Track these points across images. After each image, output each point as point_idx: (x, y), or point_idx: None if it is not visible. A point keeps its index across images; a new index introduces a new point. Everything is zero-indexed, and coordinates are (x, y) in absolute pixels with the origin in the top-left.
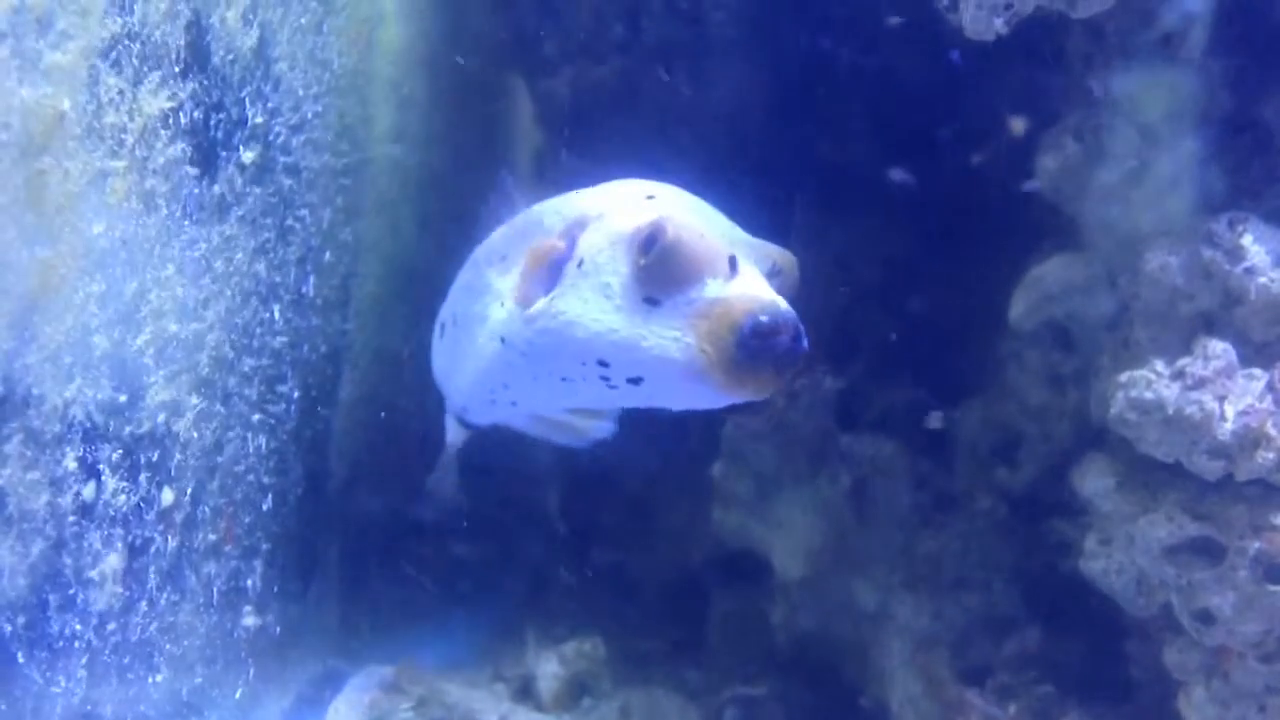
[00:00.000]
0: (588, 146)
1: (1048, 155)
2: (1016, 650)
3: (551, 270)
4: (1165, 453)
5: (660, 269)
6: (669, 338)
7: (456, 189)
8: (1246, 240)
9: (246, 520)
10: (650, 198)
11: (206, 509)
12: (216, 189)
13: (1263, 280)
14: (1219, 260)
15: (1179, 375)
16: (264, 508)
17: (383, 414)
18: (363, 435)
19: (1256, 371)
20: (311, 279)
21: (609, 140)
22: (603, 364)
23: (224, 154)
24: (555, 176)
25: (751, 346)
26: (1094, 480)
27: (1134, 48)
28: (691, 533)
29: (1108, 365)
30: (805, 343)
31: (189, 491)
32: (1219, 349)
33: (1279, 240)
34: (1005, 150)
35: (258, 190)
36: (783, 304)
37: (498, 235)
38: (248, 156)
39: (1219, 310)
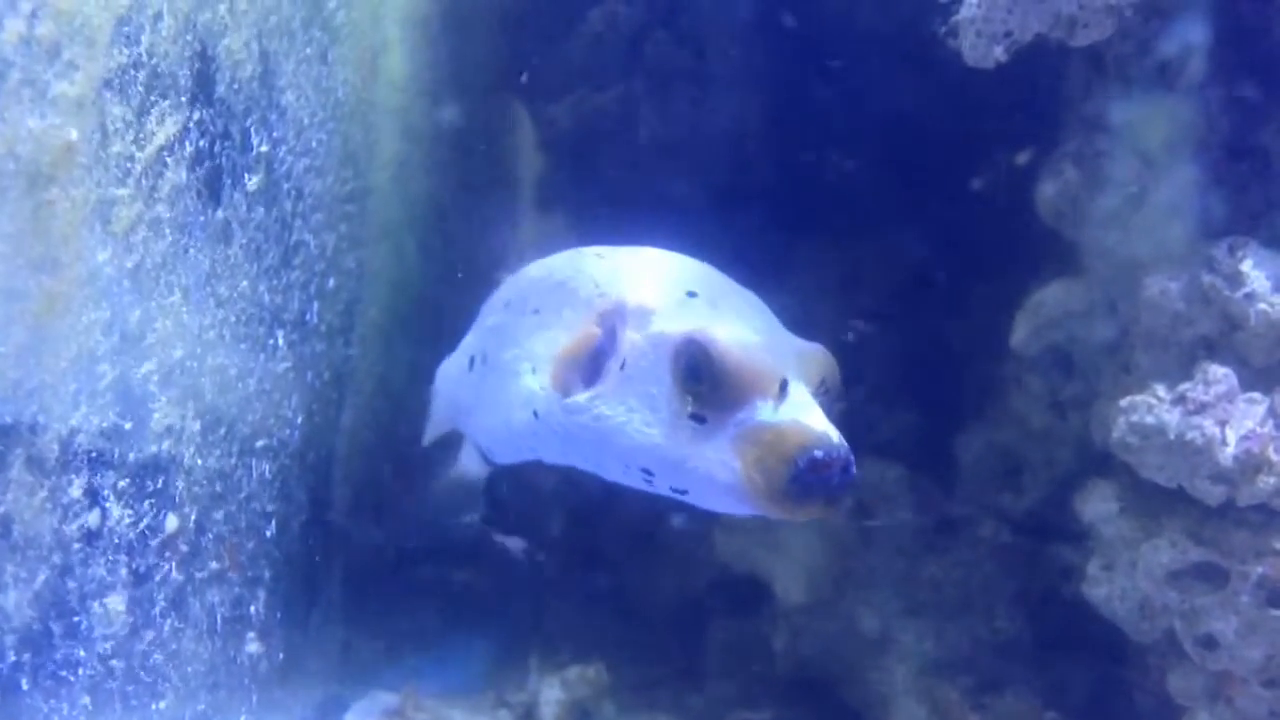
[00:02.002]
0: (589, 173)
1: (1048, 182)
2: (1020, 675)
3: (590, 361)
4: (1167, 477)
5: (708, 390)
6: (716, 460)
7: (460, 216)
8: (1246, 265)
9: (250, 546)
10: (692, 295)
11: (210, 535)
12: (221, 215)
13: (1263, 305)
14: (1219, 285)
15: (1180, 400)
16: (267, 534)
17: (386, 440)
18: (366, 461)
19: (1258, 396)
20: (315, 305)
21: (611, 167)
22: (646, 471)
23: (229, 181)
24: (558, 203)
25: (804, 481)
26: (1096, 505)
27: (1133, 75)
28: (694, 558)
29: (1109, 390)
30: (854, 471)
31: (193, 518)
32: (1220, 374)
33: (1278, 265)
34: (1005, 177)
35: (262, 217)
36: (834, 435)
37: (527, 281)
38: (252, 184)
39: (1219, 335)
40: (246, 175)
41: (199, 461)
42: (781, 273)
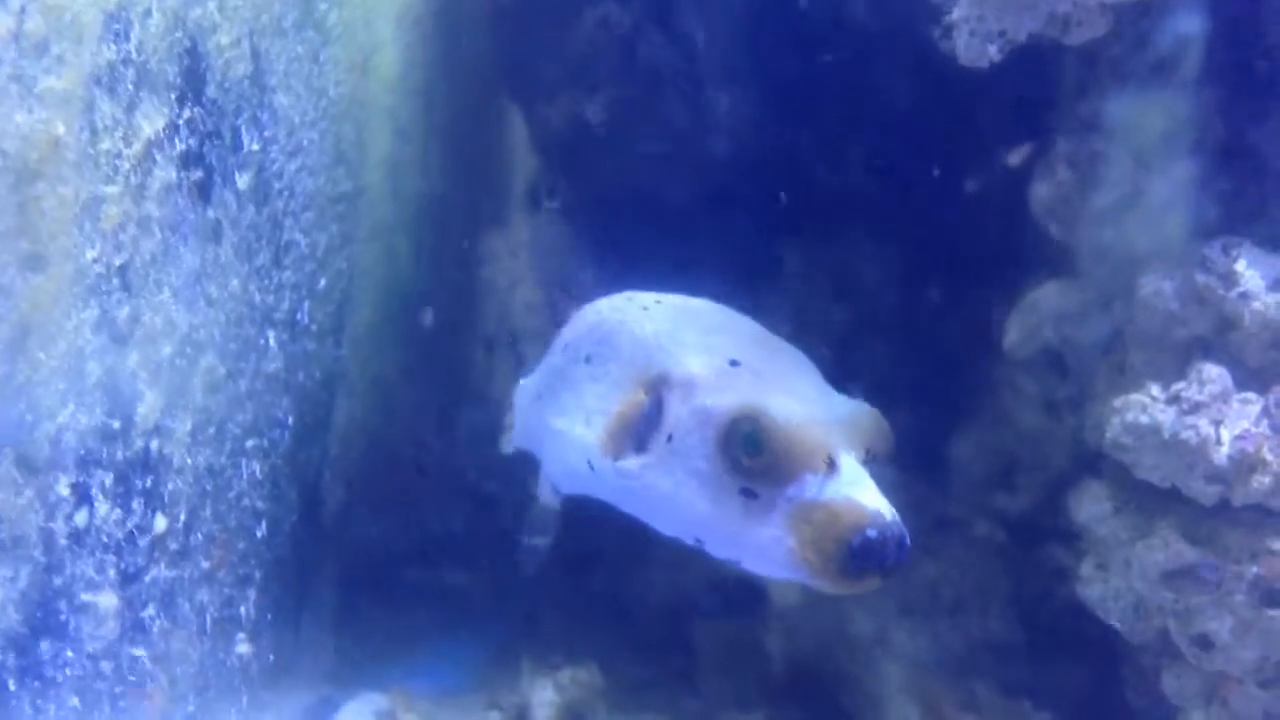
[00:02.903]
0: (583, 175)
1: (1041, 182)
2: (1015, 677)
3: (638, 426)
4: (1161, 477)
5: (757, 467)
6: (768, 537)
7: (452, 216)
8: (1241, 265)
9: (240, 547)
10: (735, 363)
11: (200, 535)
12: (211, 214)
13: (1257, 305)
14: (1213, 285)
15: (1175, 400)
16: (258, 534)
17: (377, 441)
18: (357, 462)
19: (1252, 396)
20: (306, 305)
21: (604, 168)
22: (698, 539)
23: (219, 180)
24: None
25: (859, 560)
26: (1090, 505)
27: (1127, 74)
28: (687, 559)
29: (1103, 390)
30: (908, 543)
31: (182, 518)
32: (1214, 373)
33: (1273, 265)
34: (999, 177)
35: (253, 216)
36: (887, 511)
37: (584, 326)
38: (243, 183)
39: (1214, 335)
40: (237, 174)
41: (189, 461)
42: (774, 273)
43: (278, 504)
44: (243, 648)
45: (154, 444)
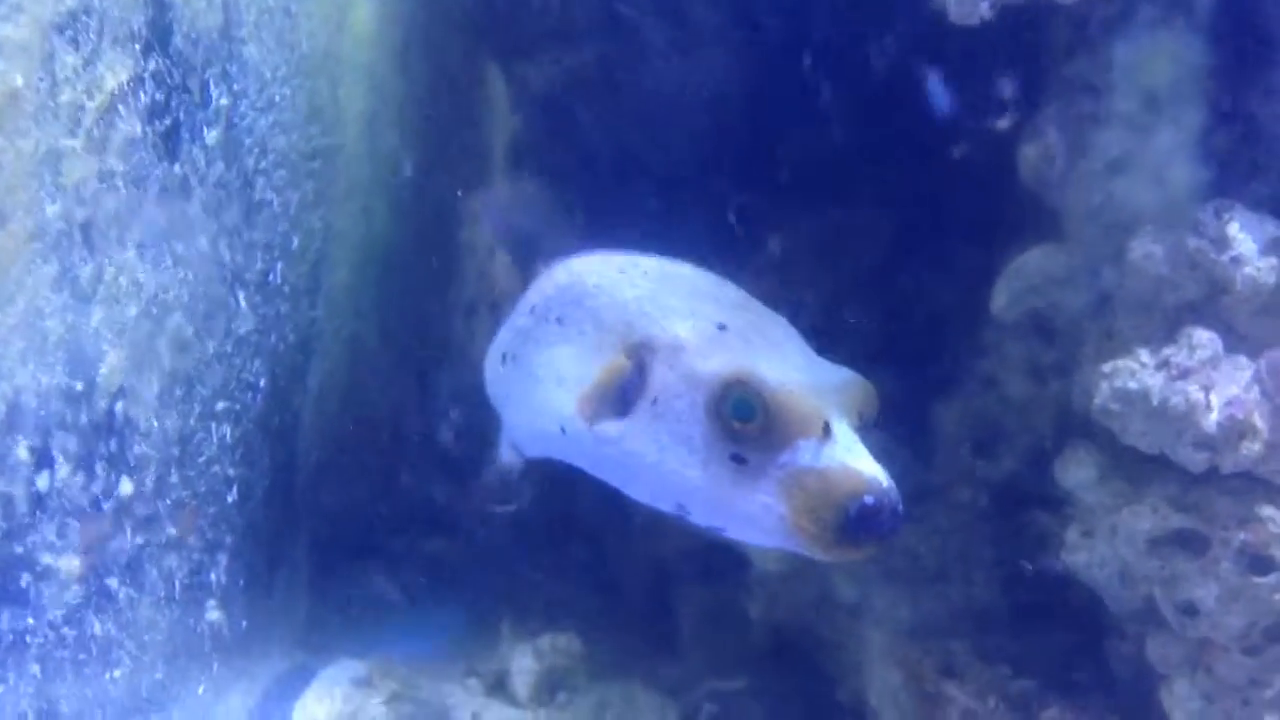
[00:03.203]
0: (564, 135)
1: (1030, 144)
2: (996, 643)
3: (619, 393)
4: (1149, 444)
5: (749, 432)
6: (759, 504)
7: (431, 176)
8: (1233, 229)
9: (210, 512)
10: (723, 328)
11: (168, 501)
12: (178, 170)
13: (1249, 270)
14: (1205, 249)
15: (1164, 365)
16: (229, 500)
17: (354, 405)
18: (333, 426)
19: (1243, 361)
20: (279, 265)
21: (585, 128)
22: (680, 505)
23: (187, 135)
24: (532, 165)
25: (856, 528)
26: (1076, 472)
27: (1118, 36)
28: (668, 526)
29: (1091, 356)
30: (902, 510)
31: (149, 483)
32: (1205, 338)
33: (1265, 229)
34: (988, 139)
35: (222, 173)
36: (883, 478)
37: (553, 288)
38: (212, 138)
39: (1204, 300)
40: (206, 129)
41: (155, 424)
42: (758, 237)
43: (250, 469)
44: (213, 614)
45: (119, 406)
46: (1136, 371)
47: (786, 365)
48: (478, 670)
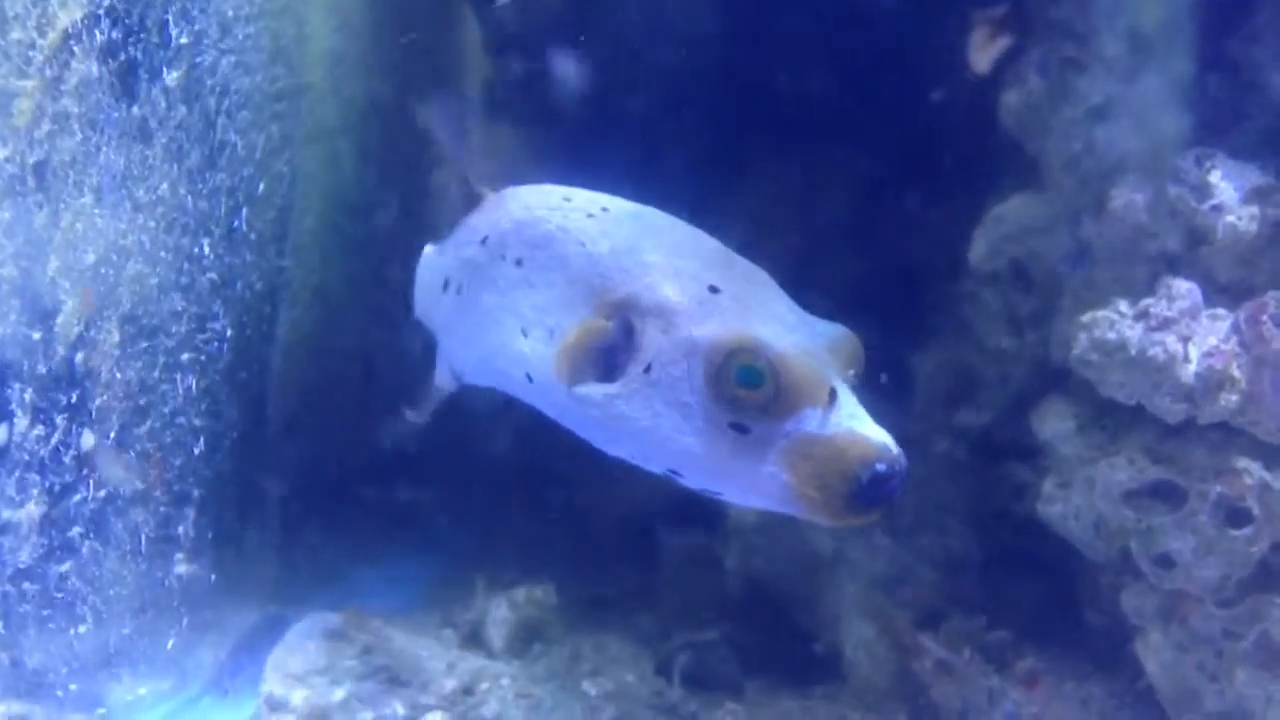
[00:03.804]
0: (538, 79)
1: (1011, 91)
2: (972, 594)
3: (602, 354)
4: (1127, 395)
5: (754, 401)
6: (764, 473)
7: (401, 119)
8: (1214, 177)
9: (177, 464)
10: (715, 290)
11: (132, 453)
12: (137, 112)
13: (1230, 219)
14: (1186, 197)
15: (1143, 315)
16: (196, 451)
17: (324, 354)
18: (302, 376)
19: (1221, 312)
20: (244, 211)
21: (560, 73)
22: (673, 471)
23: (145, 76)
24: (506, 110)
25: (869, 495)
26: (1054, 423)
27: None
28: (645, 477)
29: (1069, 306)
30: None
31: (112, 435)
32: (1184, 289)
33: (1247, 177)
34: (968, 85)
35: (184, 115)
36: (891, 443)
37: (509, 222)
38: (172, 79)
39: (1184, 250)
40: (166, 70)
41: (117, 375)
42: (737, 183)
43: (216, 420)
44: (181, 568)
45: (78, 357)
46: (1115, 322)
47: (782, 328)
48: (453, 621)
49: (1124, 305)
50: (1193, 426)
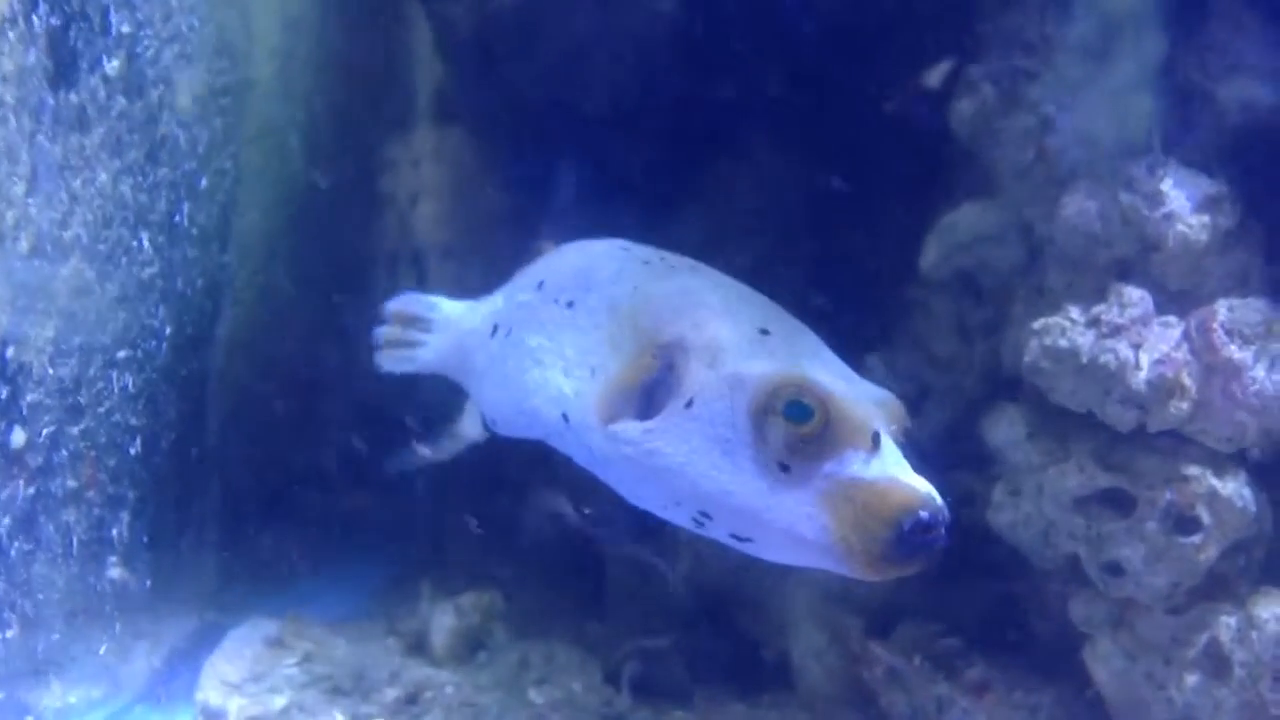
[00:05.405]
0: (490, 81)
1: (964, 99)
2: (921, 602)
3: (643, 392)
4: (1078, 402)
5: (797, 438)
6: (801, 514)
7: (351, 117)
8: (1166, 185)
9: (111, 465)
10: (766, 333)
11: (65, 452)
12: (75, 101)
13: (1181, 227)
14: (1138, 205)
15: (1094, 323)
16: (131, 452)
17: (267, 355)
18: (244, 376)
19: (1173, 319)
20: (185, 205)
21: (513, 75)
22: (701, 513)
23: (84, 65)
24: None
25: (907, 545)
26: (1004, 430)
27: None
28: (594, 481)
29: (1020, 314)
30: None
31: (44, 433)
32: (1136, 296)
33: (1198, 186)
34: (920, 94)
35: (124, 106)
36: (935, 494)
37: (567, 267)
38: (112, 69)
39: (1136, 257)
40: (105, 59)
41: (51, 371)
42: (691, 189)
43: (154, 419)
44: (115, 571)
45: (10, 352)
46: (1067, 329)
47: (831, 374)
48: (398, 629)
49: (1075, 312)
50: (1143, 434)
